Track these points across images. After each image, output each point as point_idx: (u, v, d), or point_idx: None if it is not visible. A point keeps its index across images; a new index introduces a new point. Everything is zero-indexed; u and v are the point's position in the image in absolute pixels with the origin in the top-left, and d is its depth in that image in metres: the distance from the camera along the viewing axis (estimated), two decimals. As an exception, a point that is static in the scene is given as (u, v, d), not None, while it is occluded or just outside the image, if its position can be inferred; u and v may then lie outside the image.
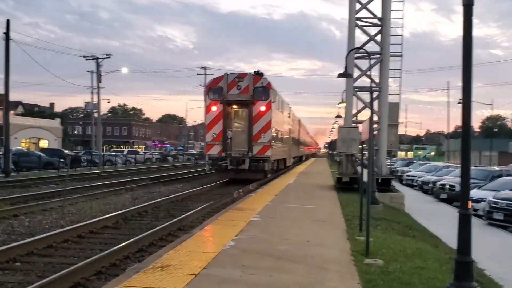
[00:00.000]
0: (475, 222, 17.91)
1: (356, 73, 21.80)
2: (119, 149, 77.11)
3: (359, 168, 11.44)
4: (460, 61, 5.98)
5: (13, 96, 79.58)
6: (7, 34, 32.72)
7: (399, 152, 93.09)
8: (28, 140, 68.03)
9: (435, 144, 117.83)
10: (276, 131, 29.35)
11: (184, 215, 14.62)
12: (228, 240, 9.04)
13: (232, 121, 27.02)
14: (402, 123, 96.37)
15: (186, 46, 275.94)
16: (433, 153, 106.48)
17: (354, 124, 21.42)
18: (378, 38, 21.74)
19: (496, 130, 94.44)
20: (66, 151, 52.86)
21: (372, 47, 22.07)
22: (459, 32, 6.10)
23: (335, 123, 50.64)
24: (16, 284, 7.79)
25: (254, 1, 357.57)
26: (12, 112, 59.46)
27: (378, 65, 21.67)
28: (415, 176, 36.07)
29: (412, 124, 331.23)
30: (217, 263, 7.25)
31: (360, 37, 22.57)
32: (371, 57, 19.70)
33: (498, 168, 31.69)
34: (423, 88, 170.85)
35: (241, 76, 26.92)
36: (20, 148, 50.18)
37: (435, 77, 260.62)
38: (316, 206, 15.15)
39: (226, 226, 10.73)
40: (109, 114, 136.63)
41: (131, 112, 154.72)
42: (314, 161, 70.54)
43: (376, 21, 21.87)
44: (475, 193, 20.89)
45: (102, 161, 50.17)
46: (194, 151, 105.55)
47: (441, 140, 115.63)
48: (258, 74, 27.17)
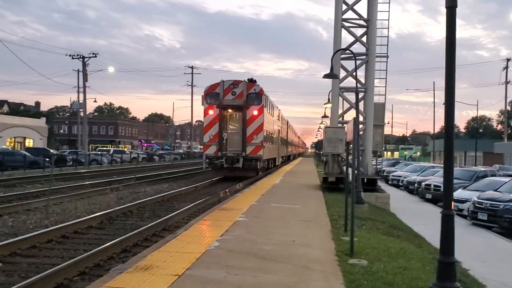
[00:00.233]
0: (460, 222, 18.05)
1: (342, 74, 21.87)
2: (105, 149, 76.63)
3: (346, 168, 11.49)
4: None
5: (-2, 95, 78.53)
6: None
7: (385, 152, 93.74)
8: (14, 139, 67.33)
9: (421, 145, 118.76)
10: (267, 133, 31.87)
11: (170, 215, 14.57)
12: (213, 241, 9.01)
13: (228, 124, 29.37)
14: (388, 124, 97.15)
15: (173, 46, 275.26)
16: (419, 153, 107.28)
17: (340, 124, 21.49)
18: (364, 39, 21.83)
19: (482, 131, 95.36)
20: (52, 150, 52.39)
21: (358, 48, 22.18)
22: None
23: (322, 123, 50.80)
24: (-2, 285, 7.70)
25: (242, 1, 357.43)
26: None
27: (364, 66, 21.77)
28: (401, 176, 36.30)
29: (398, 125, 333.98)
30: (201, 264, 7.22)
31: (347, 38, 22.67)
32: (357, 58, 19.75)
33: (483, 169, 32.01)
34: (409, 89, 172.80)
35: (236, 83, 29.49)
36: (5, 147, 49.65)
37: (421, 78, 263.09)
38: (302, 206, 15.16)
39: (212, 226, 10.70)
40: (95, 113, 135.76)
41: (118, 111, 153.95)
42: (301, 161, 70.67)
43: (362, 22, 21.98)
44: (460, 194, 21.08)
45: (88, 161, 49.79)
46: (181, 151, 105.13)
47: (427, 141, 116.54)
48: (252, 81, 29.94)
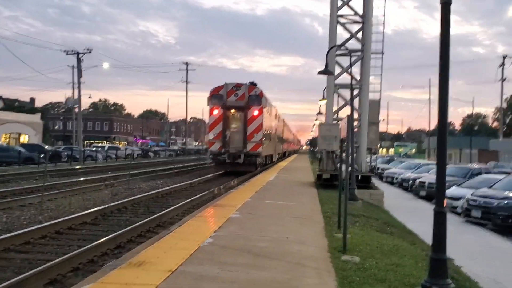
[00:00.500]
0: (454, 220, 18.13)
1: (338, 70, 21.91)
2: (100, 145, 76.43)
3: (340, 165, 11.52)
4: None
5: (-8, 90, 77.98)
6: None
7: (380, 150, 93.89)
8: (8, 135, 67.06)
9: (416, 142, 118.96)
10: (266, 132, 34.48)
11: (164, 212, 14.58)
12: (207, 237, 9.02)
13: (230, 123, 31.86)
14: (383, 121, 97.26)
15: (168, 41, 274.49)
16: (414, 151, 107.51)
17: (335, 121, 21.53)
18: (360, 35, 21.85)
19: (477, 128, 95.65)
20: (47, 146, 52.23)
21: (354, 44, 22.21)
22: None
23: (317, 120, 50.72)
24: (-9, 281, 7.68)
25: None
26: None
27: (360, 63, 21.79)
28: (395, 174, 36.38)
29: (393, 122, 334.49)
30: (195, 260, 7.24)
31: (342, 34, 22.66)
32: (352, 54, 19.79)
33: (477, 166, 32.14)
34: (405, 86, 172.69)
35: (238, 86, 32.10)
36: (0, 143, 49.45)
37: (417, 75, 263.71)
38: (296, 203, 15.19)
39: (205, 223, 10.71)
40: (90, 110, 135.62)
41: (113, 108, 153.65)
42: (296, 158, 70.73)
43: (358, 18, 21.98)
44: (454, 191, 21.16)
45: (83, 157, 49.68)
46: (176, 147, 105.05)
47: (422, 138, 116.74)
48: (253, 84, 32.59)
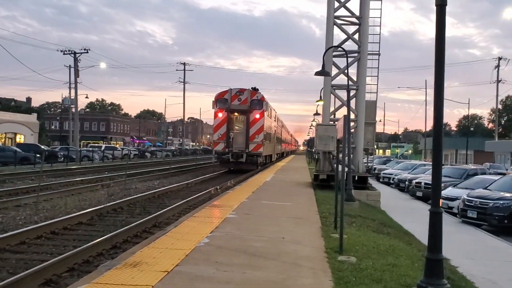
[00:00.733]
0: (450, 220, 18.17)
1: (335, 71, 21.91)
2: (97, 145, 76.29)
3: (336, 166, 11.50)
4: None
5: (-12, 90, 77.76)
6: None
7: (377, 150, 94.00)
8: (4, 135, 66.89)
9: (413, 142, 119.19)
10: (267, 133, 37.34)
11: (160, 212, 14.56)
12: (203, 237, 9.01)
13: (234, 125, 34.58)
14: (380, 121, 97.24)
15: (166, 42, 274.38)
16: (410, 151, 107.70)
17: (332, 122, 21.53)
18: (356, 37, 21.87)
19: (473, 129, 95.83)
20: (43, 147, 52.10)
21: (350, 46, 22.20)
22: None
23: (314, 121, 50.81)
24: (-14, 281, 7.65)
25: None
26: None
27: (356, 64, 21.81)
28: (392, 174, 36.40)
29: (390, 123, 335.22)
30: (191, 260, 7.22)
31: (339, 35, 22.73)
32: (349, 56, 19.79)
33: (473, 167, 32.21)
34: (401, 87, 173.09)
35: (242, 91, 34.78)
36: (-5, 143, 49.30)
37: (414, 76, 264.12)
38: (293, 203, 15.20)
39: (202, 223, 10.69)
40: (87, 110, 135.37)
41: (109, 108, 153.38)
42: (293, 158, 70.77)
43: (354, 20, 22.00)
44: (450, 191, 21.20)
45: (79, 157, 49.59)
46: (173, 148, 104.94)
47: (418, 139, 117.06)
48: (255, 90, 35.27)
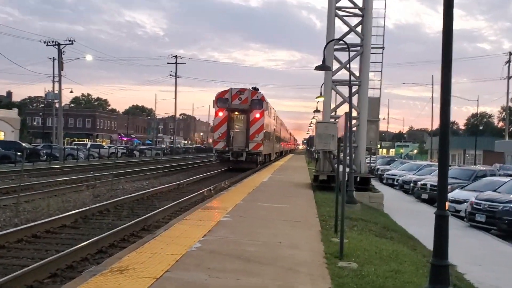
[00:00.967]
0: (457, 224, 18.22)
1: (336, 66, 21.91)
2: (82, 143, 76.15)
3: (337, 166, 11.51)
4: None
5: (-34, 84, 77.38)
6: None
7: (380, 150, 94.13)
8: (-17, 132, 66.65)
9: (418, 142, 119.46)
10: (266, 132, 39.62)
11: (149, 214, 14.56)
12: (195, 241, 9.01)
13: (234, 124, 36.74)
14: (384, 119, 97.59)
15: (156, 33, 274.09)
16: (416, 151, 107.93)
17: (333, 120, 21.55)
18: (359, 29, 21.86)
19: (482, 128, 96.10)
20: (24, 144, 51.95)
21: (353, 39, 22.23)
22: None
23: (314, 118, 50.85)
24: (-38, 288, 7.63)
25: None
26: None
27: (359, 58, 21.81)
28: (396, 175, 36.50)
29: (394, 121, 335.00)
30: (181, 266, 7.22)
31: (341, 28, 22.70)
32: (351, 49, 19.79)
33: (482, 168, 32.28)
34: (406, 83, 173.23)
35: (242, 90, 37.36)
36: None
37: (419, 71, 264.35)
38: (291, 206, 15.22)
39: (194, 226, 10.69)
40: (72, 105, 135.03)
41: (96, 103, 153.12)
42: (292, 158, 70.86)
43: (357, 11, 22.00)
44: (458, 194, 21.25)
45: (63, 156, 49.47)
46: (163, 146, 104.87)
47: (424, 138, 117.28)
48: (255, 89, 37.90)
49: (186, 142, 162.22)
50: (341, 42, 20.68)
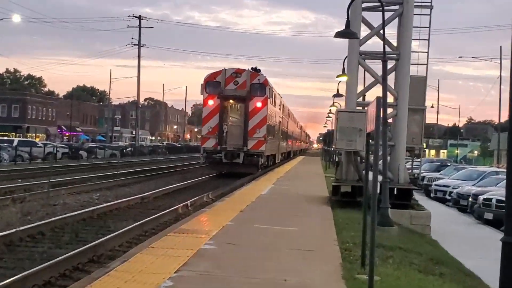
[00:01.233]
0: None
1: (365, 32, 21.94)
2: (6, 138, 76.05)
3: (366, 173, 11.47)
4: None
5: None
6: None
7: (426, 151, 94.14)
8: None
9: (480, 140, 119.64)
10: (270, 127, 41.81)
11: (100, 240, 14.55)
12: (164, 279, 9.02)
13: (228, 116, 38.93)
14: (432, 108, 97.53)
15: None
16: (477, 153, 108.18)
17: (360, 108, 21.57)
18: (398, -20, 21.89)
19: None
20: None
21: (389, -6, 22.22)
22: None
23: (333, 106, 50.88)
24: None
25: None
26: None
27: (397, 21, 21.82)
28: (449, 186, 36.51)
29: (447, 110, 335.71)
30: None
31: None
32: (387, 9, 19.79)
33: None
34: (465, 56, 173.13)
35: (239, 72, 39.11)
36: None
37: (483, 41, 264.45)
38: (301, 229, 15.25)
39: (163, 257, 10.69)
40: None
41: (26, 83, 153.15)
42: (303, 160, 71.03)
43: (395, -45, 22.01)
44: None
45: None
46: (122, 143, 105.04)
47: (489, 134, 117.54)
48: (256, 71, 40.02)
49: (154, 139, 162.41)
50: (373, -1, 20.73)
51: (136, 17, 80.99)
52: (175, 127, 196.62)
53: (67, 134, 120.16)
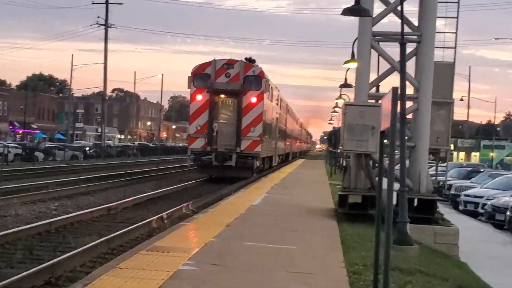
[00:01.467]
0: None
1: (379, 9, 21.98)
2: None
3: (379, 180, 11.45)
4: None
5: None
6: None
7: (454, 153, 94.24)
8: None
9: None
10: (266, 125, 43.75)
11: (59, 259, 14.56)
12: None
13: (219, 112, 40.55)
14: (461, 101, 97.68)
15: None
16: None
17: (373, 101, 21.61)
18: None
19: None
20: None
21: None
22: None
23: (340, 98, 50.82)
24: None
25: None
26: None
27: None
28: (482, 197, 36.51)
29: (479, 103, 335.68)
30: None
31: None
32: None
33: None
34: (502, 38, 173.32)
35: (231, 63, 40.87)
36: None
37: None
38: (300, 247, 15.26)
39: (133, 280, 10.69)
40: None
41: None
42: (304, 164, 71.11)
43: None
44: None
45: None
46: (86, 142, 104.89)
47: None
48: (250, 61, 41.78)
49: (124, 138, 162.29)
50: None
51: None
52: (149, 124, 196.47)
53: (21, 132, 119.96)
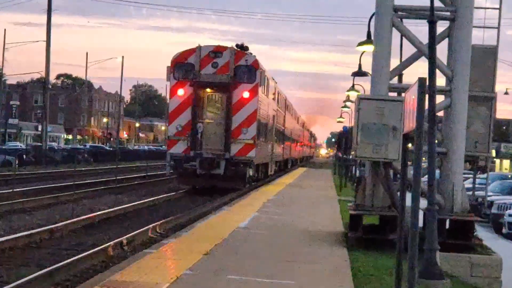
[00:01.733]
0: None
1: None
2: None
3: (402, 196, 11.49)
4: None
5: None
6: None
7: (497, 161, 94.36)
8: None
9: None
10: (262, 125, 45.55)
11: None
12: None
13: (205, 110, 42.10)
14: (507, 95, 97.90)
15: None
16: None
17: (394, 94, 21.67)
18: None
19: None
20: None
21: None
22: None
23: (353, 90, 50.94)
24: None
25: None
26: None
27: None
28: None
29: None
30: None
31: None
32: None
33: None
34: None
35: (219, 50, 42.17)
36: None
37: None
38: (299, 282, 15.33)
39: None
40: None
41: None
42: (307, 173, 71.28)
43: None
44: None
45: None
46: (21, 145, 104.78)
47: None
48: (242, 48, 43.00)
49: (72, 138, 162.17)
50: None
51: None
52: (105, 121, 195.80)
53: None
